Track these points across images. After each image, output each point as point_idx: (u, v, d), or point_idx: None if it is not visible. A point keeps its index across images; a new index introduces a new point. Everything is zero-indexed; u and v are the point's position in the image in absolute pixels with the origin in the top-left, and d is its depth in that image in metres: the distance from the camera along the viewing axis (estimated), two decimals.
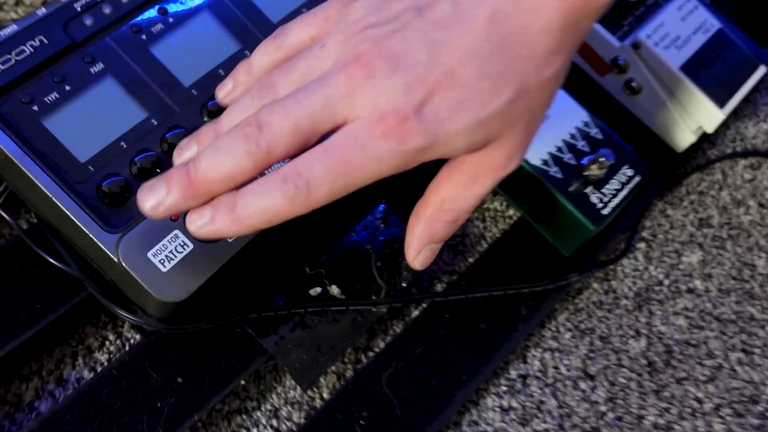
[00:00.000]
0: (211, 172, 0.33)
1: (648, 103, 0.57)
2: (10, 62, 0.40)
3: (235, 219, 0.33)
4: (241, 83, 0.40)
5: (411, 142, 0.32)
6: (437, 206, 0.37)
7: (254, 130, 0.32)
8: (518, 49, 0.33)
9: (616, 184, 0.49)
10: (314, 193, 0.32)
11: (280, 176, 0.32)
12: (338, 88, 0.32)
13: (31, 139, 0.39)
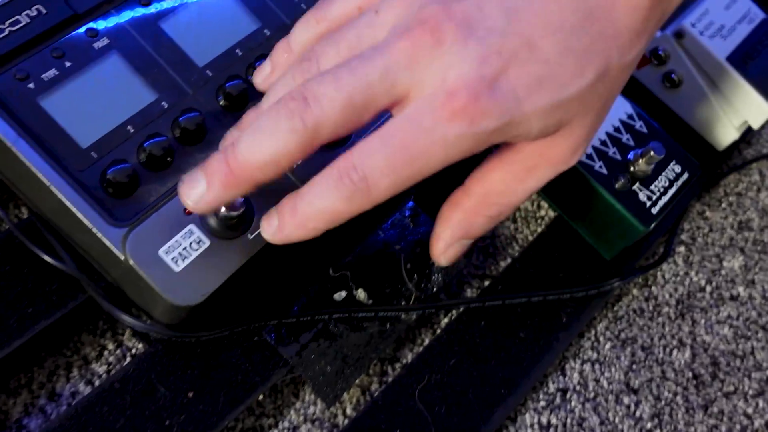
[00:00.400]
0: (251, 156, 0.29)
1: (688, 97, 0.53)
2: (3, 33, 0.35)
3: (300, 224, 0.30)
4: (280, 64, 0.35)
5: (484, 124, 0.28)
6: (480, 198, 0.33)
7: (299, 104, 0.28)
8: (604, 26, 0.29)
9: (665, 181, 0.45)
10: (374, 188, 0.28)
11: (335, 172, 0.28)
12: (399, 57, 0.28)
13: (26, 121, 0.35)
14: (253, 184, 0.30)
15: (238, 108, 0.39)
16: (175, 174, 0.37)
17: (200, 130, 0.38)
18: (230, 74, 0.40)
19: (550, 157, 0.32)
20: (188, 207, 0.31)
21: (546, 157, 0.32)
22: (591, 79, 0.29)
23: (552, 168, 0.32)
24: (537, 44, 0.29)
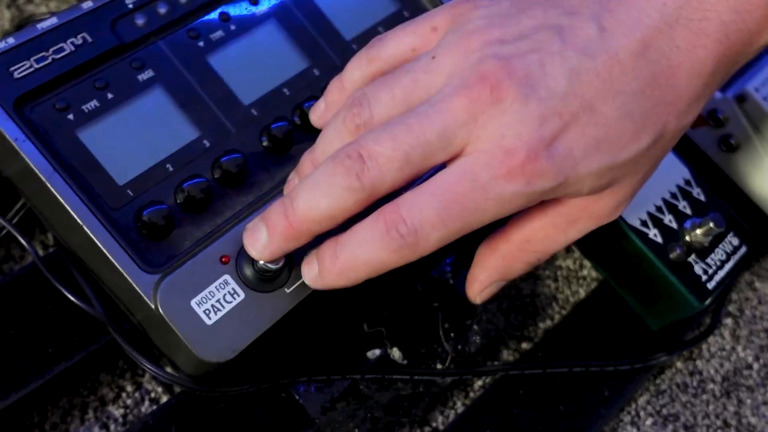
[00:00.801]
0: (309, 212, 0.29)
1: (745, 162, 0.51)
2: (46, 60, 0.34)
3: (341, 272, 0.29)
4: (334, 103, 0.35)
5: (540, 183, 0.28)
6: (520, 244, 0.33)
7: (355, 163, 0.28)
8: (664, 91, 0.29)
9: (722, 254, 0.43)
10: (422, 242, 0.28)
11: (382, 223, 0.28)
12: (458, 114, 0.28)
13: (62, 153, 0.33)
14: (311, 236, 0.30)
15: (283, 151, 0.38)
16: (212, 217, 0.35)
17: (242, 172, 0.36)
18: (276, 115, 0.38)
19: (594, 211, 0.32)
20: (254, 256, 0.31)
21: (589, 212, 0.31)
22: (647, 143, 0.29)
23: (594, 221, 0.32)
24: (597, 107, 0.28)
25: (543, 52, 0.28)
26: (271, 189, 0.37)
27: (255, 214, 0.35)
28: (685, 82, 0.29)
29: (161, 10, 0.37)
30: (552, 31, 0.29)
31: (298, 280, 0.34)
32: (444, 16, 0.32)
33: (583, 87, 0.28)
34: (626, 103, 0.28)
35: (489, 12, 0.30)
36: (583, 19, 0.29)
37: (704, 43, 0.29)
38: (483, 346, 0.43)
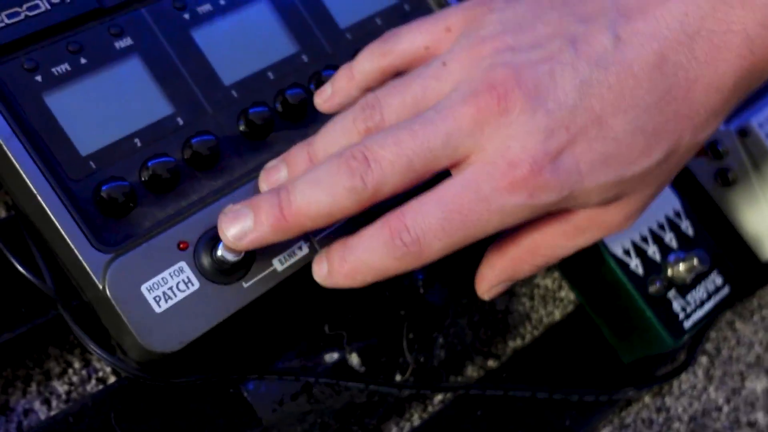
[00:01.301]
0: (307, 207, 0.28)
1: (741, 199, 0.49)
2: (18, 17, 0.32)
3: (348, 275, 0.30)
4: (341, 90, 0.34)
5: (543, 197, 0.28)
6: (529, 248, 0.32)
7: (360, 164, 0.28)
8: (680, 105, 0.28)
9: (703, 293, 0.42)
10: (426, 251, 0.28)
11: (387, 231, 0.28)
12: (463, 122, 0.27)
13: (24, 116, 0.32)
14: (301, 231, 0.30)
15: (259, 137, 0.36)
16: (176, 199, 0.34)
17: (213, 155, 0.34)
18: (257, 99, 0.37)
19: (604, 221, 0.31)
20: (226, 240, 0.30)
21: (599, 222, 0.31)
22: (658, 159, 0.29)
23: (604, 231, 0.32)
24: (607, 121, 0.27)
25: (554, 62, 0.27)
26: (242, 175, 0.35)
27: (222, 200, 0.34)
28: (704, 96, 0.28)
29: None
30: (565, 40, 0.28)
31: (258, 275, 0.33)
32: (459, 17, 0.32)
33: (594, 100, 0.27)
34: (638, 117, 0.27)
35: (503, 16, 0.30)
36: (598, 28, 0.28)
37: (726, 57, 0.27)
38: (447, 359, 0.41)
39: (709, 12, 0.27)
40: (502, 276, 0.34)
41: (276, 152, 0.36)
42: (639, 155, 0.28)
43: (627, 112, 0.27)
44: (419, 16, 0.42)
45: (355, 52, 0.40)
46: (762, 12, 0.27)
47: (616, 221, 0.31)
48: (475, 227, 0.28)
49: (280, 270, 0.34)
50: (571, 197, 0.28)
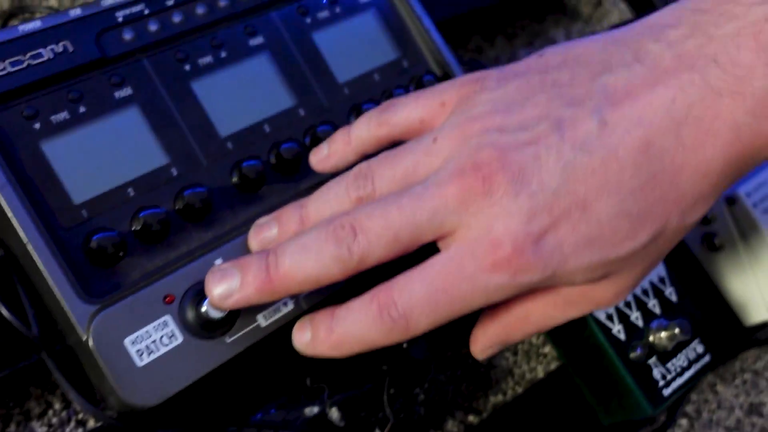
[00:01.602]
0: (294, 272, 0.29)
1: (726, 264, 0.50)
2: (21, 65, 0.33)
3: (334, 345, 0.30)
4: (337, 152, 0.36)
5: (525, 277, 0.28)
6: (520, 317, 0.33)
7: (347, 234, 0.29)
8: (666, 190, 0.28)
9: (683, 361, 0.42)
10: (413, 326, 0.29)
11: (375, 305, 0.29)
12: (449, 200, 0.28)
13: (20, 162, 0.32)
14: (286, 294, 0.30)
15: (252, 189, 0.37)
16: (165, 251, 0.34)
17: (205, 207, 0.35)
18: (252, 151, 0.37)
19: (593, 297, 0.31)
20: (212, 299, 0.31)
21: (588, 297, 0.31)
22: (644, 242, 0.29)
23: (593, 305, 0.32)
24: (591, 205, 0.28)
25: (540, 145, 0.28)
26: (232, 229, 0.35)
27: (211, 254, 0.34)
28: (690, 181, 0.28)
29: (152, 27, 0.36)
30: (552, 123, 0.28)
31: (241, 331, 0.33)
32: (453, 93, 0.33)
33: (577, 183, 0.28)
34: (623, 200, 0.28)
35: (494, 96, 0.30)
36: (585, 112, 0.28)
37: (713, 144, 0.28)
38: (427, 414, 0.42)
39: (697, 100, 0.27)
40: (494, 339, 0.34)
41: (268, 205, 0.37)
42: (624, 238, 0.28)
43: (611, 195, 0.28)
44: (417, 72, 0.44)
45: (351, 107, 0.41)
46: (751, 101, 0.27)
47: (605, 298, 0.31)
48: (461, 304, 0.28)
49: (263, 326, 0.34)
50: (555, 277, 0.29)
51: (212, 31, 0.38)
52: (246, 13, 0.39)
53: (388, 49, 0.43)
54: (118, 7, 0.36)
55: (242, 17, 0.39)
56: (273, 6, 0.40)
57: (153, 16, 0.36)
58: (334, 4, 0.42)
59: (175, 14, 0.37)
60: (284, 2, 0.41)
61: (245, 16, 0.39)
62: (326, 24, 0.42)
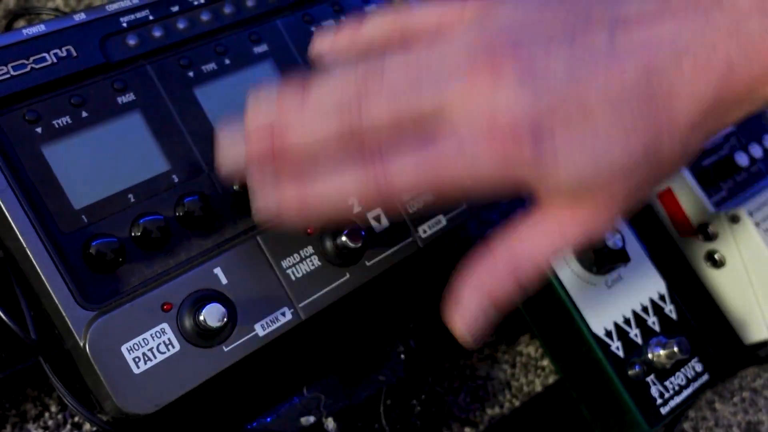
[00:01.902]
0: (297, 139, 0.30)
1: (727, 282, 0.50)
2: (24, 69, 0.33)
3: (301, 198, 0.30)
4: (342, 39, 0.36)
5: (515, 166, 0.29)
6: (503, 255, 0.31)
7: (352, 111, 0.29)
8: (661, 111, 0.29)
9: (682, 379, 0.42)
10: (392, 182, 0.29)
11: (360, 155, 0.29)
12: (457, 88, 0.29)
13: (21, 166, 0.32)
14: (283, 162, 0.30)
15: None
16: (165, 258, 0.34)
17: (206, 215, 0.35)
18: None
19: (580, 218, 0.31)
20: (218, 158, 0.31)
21: (577, 219, 0.31)
22: (636, 157, 0.29)
23: (581, 230, 0.31)
24: (591, 112, 0.29)
25: (552, 46, 0.29)
26: (232, 236, 0.35)
27: (211, 261, 0.34)
28: (683, 107, 0.29)
29: (156, 33, 0.36)
30: (566, 32, 0.29)
31: (239, 340, 0.33)
32: (472, 6, 0.33)
33: (581, 89, 0.29)
34: (621, 110, 0.29)
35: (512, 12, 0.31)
36: (598, 29, 0.30)
37: (708, 76, 0.29)
38: (423, 426, 0.42)
39: (699, 35, 0.29)
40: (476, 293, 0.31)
41: None
42: (616, 146, 0.29)
43: (611, 107, 0.29)
44: None
45: None
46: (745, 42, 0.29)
47: (592, 218, 0.31)
48: (445, 175, 0.29)
49: (261, 335, 0.34)
50: (544, 178, 0.29)
51: (216, 38, 0.38)
52: (251, 21, 0.39)
53: None
54: (123, 12, 0.36)
55: (247, 24, 0.39)
56: (279, 14, 0.40)
57: (157, 22, 0.36)
58: (340, 12, 0.42)
59: (179, 20, 0.37)
60: (290, 10, 0.41)
61: (250, 24, 0.39)
62: None
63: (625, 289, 0.43)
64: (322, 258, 0.36)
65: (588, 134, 0.29)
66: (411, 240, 0.39)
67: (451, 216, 0.41)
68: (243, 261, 0.34)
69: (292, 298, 0.35)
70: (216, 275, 0.34)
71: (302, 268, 0.36)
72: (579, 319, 0.41)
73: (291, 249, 0.36)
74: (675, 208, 0.51)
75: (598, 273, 0.42)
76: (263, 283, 0.35)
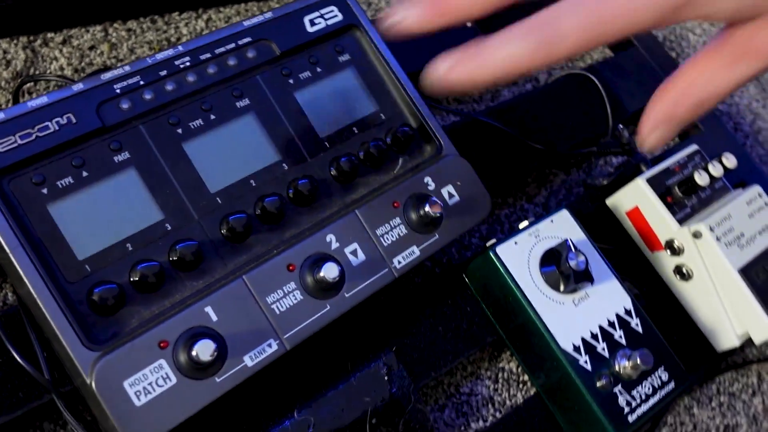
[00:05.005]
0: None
1: (696, 294, 0.53)
2: (30, 137, 0.37)
3: (478, 65, 0.30)
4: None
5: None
6: (685, 87, 0.33)
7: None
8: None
9: (648, 388, 0.45)
10: (560, 43, 0.29)
11: (526, 26, 0.30)
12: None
13: (29, 224, 0.36)
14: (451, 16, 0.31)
15: (239, 240, 0.40)
16: (161, 300, 0.38)
17: (196, 259, 0.38)
18: (240, 205, 0.41)
19: (757, 46, 0.31)
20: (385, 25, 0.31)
21: (752, 47, 0.31)
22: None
23: (760, 59, 0.31)
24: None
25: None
26: (222, 277, 0.39)
27: (202, 301, 0.38)
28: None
29: (146, 96, 0.40)
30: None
31: (229, 371, 0.37)
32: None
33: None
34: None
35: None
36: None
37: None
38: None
39: None
40: (659, 116, 0.34)
41: (254, 254, 0.40)
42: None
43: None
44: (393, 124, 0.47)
45: (333, 159, 0.44)
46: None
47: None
48: (608, 24, 0.29)
49: (250, 365, 0.37)
50: None
51: (202, 96, 0.42)
52: (233, 78, 0.43)
53: (367, 103, 0.47)
54: (116, 79, 0.40)
55: (229, 81, 0.43)
56: (258, 69, 0.44)
57: (148, 86, 0.40)
58: (315, 64, 0.46)
59: (167, 83, 0.41)
60: (268, 65, 0.44)
61: (232, 81, 0.43)
62: (308, 83, 0.45)
63: (592, 306, 0.46)
64: (304, 292, 0.40)
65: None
66: (387, 270, 0.43)
67: (424, 246, 0.44)
68: (231, 299, 0.38)
69: (277, 330, 0.39)
70: (207, 313, 0.37)
71: (285, 302, 0.39)
72: (549, 337, 0.44)
73: (274, 285, 0.39)
74: (643, 226, 0.54)
75: (564, 292, 0.45)
76: (250, 318, 0.38)
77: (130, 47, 0.55)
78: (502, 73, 0.30)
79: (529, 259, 0.46)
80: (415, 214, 0.44)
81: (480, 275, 0.48)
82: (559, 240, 0.47)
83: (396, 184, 0.45)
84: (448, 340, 0.48)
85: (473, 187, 0.47)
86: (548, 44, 0.29)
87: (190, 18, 0.59)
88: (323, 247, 0.41)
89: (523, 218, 0.58)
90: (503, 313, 0.47)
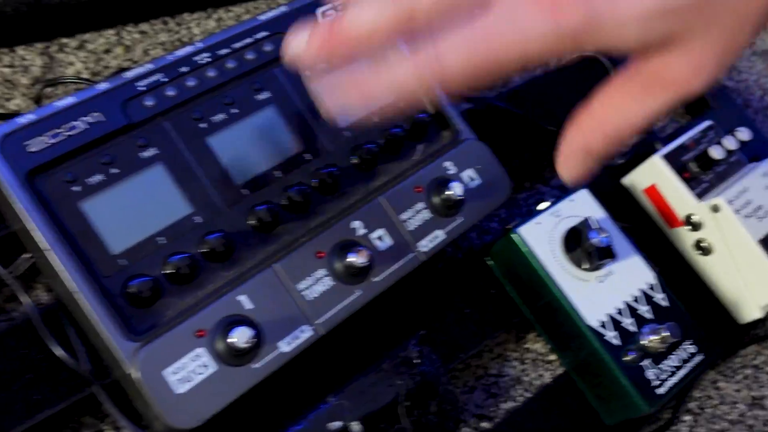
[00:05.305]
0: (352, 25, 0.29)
1: (717, 268, 0.53)
2: (60, 137, 0.37)
3: (364, 93, 0.29)
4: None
5: (567, 20, 0.26)
6: (599, 117, 0.31)
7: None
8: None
9: (676, 361, 0.45)
10: (446, 65, 0.28)
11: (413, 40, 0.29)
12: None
13: (64, 222, 0.37)
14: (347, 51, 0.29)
15: (267, 230, 0.41)
16: (195, 290, 0.38)
17: (227, 250, 0.39)
18: (266, 196, 0.41)
19: (667, 77, 0.29)
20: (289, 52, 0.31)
21: (663, 78, 0.29)
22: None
23: (671, 90, 0.30)
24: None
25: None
26: (253, 266, 0.40)
27: (235, 290, 0.38)
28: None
29: (169, 92, 0.41)
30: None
31: (266, 357, 0.37)
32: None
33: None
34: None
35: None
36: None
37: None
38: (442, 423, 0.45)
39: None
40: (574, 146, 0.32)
41: (283, 243, 0.41)
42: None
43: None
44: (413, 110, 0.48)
45: (353, 148, 0.45)
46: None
47: (682, 75, 0.29)
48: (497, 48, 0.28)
49: (286, 351, 0.38)
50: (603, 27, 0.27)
51: (223, 90, 0.42)
52: (252, 72, 0.43)
53: None
54: (139, 77, 0.40)
55: (249, 76, 0.43)
56: (276, 63, 0.45)
57: (170, 83, 0.41)
58: None
59: (189, 79, 0.41)
60: None
61: (251, 75, 0.43)
62: None
63: (616, 282, 0.47)
64: (334, 278, 0.40)
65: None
66: (413, 254, 0.43)
67: (448, 229, 0.45)
68: (263, 287, 0.39)
69: (309, 317, 0.39)
70: (240, 302, 0.38)
71: (316, 289, 0.40)
72: (575, 314, 0.45)
73: (305, 272, 0.40)
74: (661, 203, 0.54)
75: (588, 270, 0.46)
76: (283, 305, 0.39)
77: (144, 49, 0.56)
78: (389, 93, 0.29)
79: (552, 238, 0.47)
80: (438, 197, 0.45)
81: (504, 257, 0.48)
82: (580, 219, 0.47)
83: (417, 169, 0.45)
84: (475, 322, 0.49)
85: (493, 170, 0.47)
86: (432, 68, 0.28)
87: (200, 18, 0.59)
88: (350, 233, 0.42)
89: (541, 201, 0.59)
90: (528, 293, 0.48)
